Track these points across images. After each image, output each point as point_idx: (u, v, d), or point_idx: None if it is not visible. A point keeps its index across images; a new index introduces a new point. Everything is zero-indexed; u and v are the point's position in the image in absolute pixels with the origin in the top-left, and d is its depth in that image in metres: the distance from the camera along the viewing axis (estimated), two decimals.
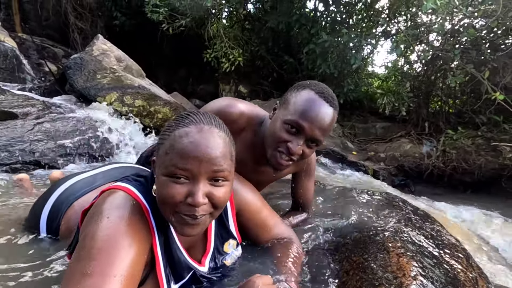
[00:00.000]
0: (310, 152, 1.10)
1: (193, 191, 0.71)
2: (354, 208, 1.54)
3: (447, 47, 3.60)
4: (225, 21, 7.45)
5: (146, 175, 0.90)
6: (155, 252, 0.79)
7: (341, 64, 5.49)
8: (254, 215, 1.07)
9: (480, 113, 4.02)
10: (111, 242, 0.67)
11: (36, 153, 2.26)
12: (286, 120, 1.04)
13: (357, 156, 4.44)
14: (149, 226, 0.78)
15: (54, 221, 1.14)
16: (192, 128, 0.73)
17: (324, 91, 1.06)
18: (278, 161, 1.09)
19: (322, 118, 1.02)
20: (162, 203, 0.74)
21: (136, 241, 0.71)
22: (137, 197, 0.79)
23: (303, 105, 1.03)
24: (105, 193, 0.81)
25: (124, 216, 0.73)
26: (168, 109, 3.95)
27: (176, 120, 0.77)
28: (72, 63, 3.36)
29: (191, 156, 0.69)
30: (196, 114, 0.77)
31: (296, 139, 1.04)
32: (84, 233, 0.71)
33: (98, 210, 0.74)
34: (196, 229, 0.76)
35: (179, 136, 0.71)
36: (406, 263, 0.96)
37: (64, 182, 1.22)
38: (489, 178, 3.56)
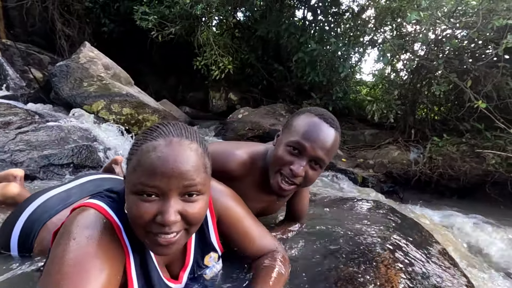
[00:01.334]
0: (314, 174, 1.08)
1: (163, 209, 0.66)
2: (344, 218, 1.54)
3: (431, 56, 3.71)
4: (215, 29, 7.50)
5: (119, 190, 0.85)
6: (128, 273, 0.75)
7: (329, 72, 5.58)
8: (236, 223, 0.99)
9: (464, 120, 4.13)
10: (79, 266, 0.63)
11: (18, 164, 2.18)
12: (288, 142, 1.05)
13: (347, 163, 4.48)
14: (122, 246, 0.74)
15: (26, 242, 1.07)
16: (160, 141, 0.68)
17: (324, 113, 1.08)
18: (281, 186, 1.07)
19: (324, 138, 1.03)
20: (133, 222, 0.70)
21: (107, 263, 0.66)
22: (109, 214, 0.75)
23: (304, 126, 1.05)
24: (74, 212, 0.76)
25: (93, 236, 0.68)
26: (157, 117, 3.91)
27: (144, 133, 0.72)
28: (58, 70, 3.30)
29: (158, 172, 0.65)
30: (165, 126, 0.72)
31: (299, 160, 1.04)
32: (51, 257, 0.66)
33: (66, 231, 0.70)
34: (171, 248, 0.71)
35: (146, 151, 0.67)
36: (394, 275, 0.96)
37: (36, 198, 1.15)
38: (474, 184, 3.64)
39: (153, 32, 5.67)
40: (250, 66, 6.85)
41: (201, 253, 0.96)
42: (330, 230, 1.41)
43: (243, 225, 1.01)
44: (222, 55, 5.71)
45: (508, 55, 3.27)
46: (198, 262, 0.96)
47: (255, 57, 6.66)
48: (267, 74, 6.71)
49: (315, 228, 1.44)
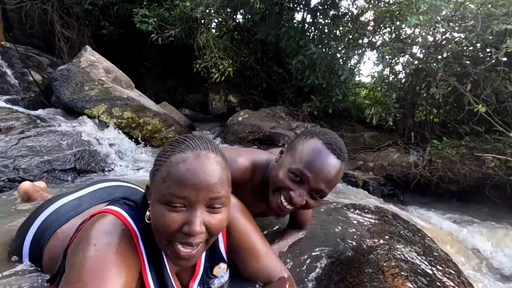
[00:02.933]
0: (314, 203, 1.06)
1: (191, 220, 0.69)
2: (347, 226, 1.55)
3: (431, 60, 3.73)
4: (214, 31, 7.51)
5: (136, 199, 0.87)
6: (145, 280, 0.77)
7: (329, 75, 5.60)
8: (244, 237, 0.99)
9: (463, 123, 4.16)
10: (98, 272, 0.64)
11: (21, 170, 2.18)
12: (291, 168, 1.02)
13: (347, 166, 4.49)
14: (138, 253, 0.75)
15: (36, 250, 1.08)
16: (189, 153, 0.71)
17: (332, 142, 1.02)
18: (280, 207, 1.06)
19: (328, 170, 0.99)
20: (157, 231, 0.72)
21: (124, 271, 0.68)
22: (127, 222, 0.77)
23: (309, 154, 1.00)
24: (94, 218, 0.78)
25: (112, 243, 0.70)
26: (158, 120, 3.92)
27: (171, 145, 0.75)
28: (59, 74, 3.30)
29: (188, 184, 0.67)
30: (192, 139, 0.75)
31: (300, 188, 1.01)
32: (70, 263, 0.68)
33: (85, 237, 0.72)
34: (190, 261, 0.74)
35: (176, 163, 0.69)
36: (401, 284, 0.97)
37: (49, 205, 1.16)
38: (473, 186, 3.66)
39: (153, 35, 5.67)
40: (249, 69, 6.87)
41: (210, 263, 0.97)
42: (335, 238, 1.42)
43: (251, 240, 1.00)
44: (222, 57, 5.72)
45: (507, 58, 3.29)
46: (207, 272, 0.97)
47: (255, 60, 6.68)
48: (266, 76, 6.73)
49: (319, 236, 1.45)
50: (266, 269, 1.00)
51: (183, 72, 8.05)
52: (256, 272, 1.00)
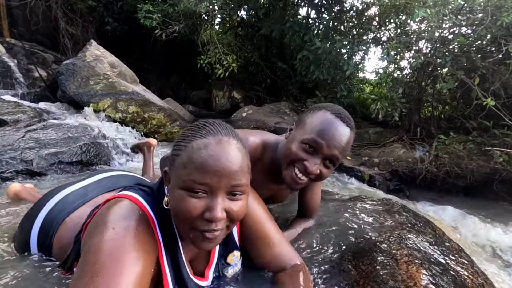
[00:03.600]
0: (328, 172, 1.08)
1: (212, 206, 0.68)
2: (357, 217, 1.53)
3: (438, 54, 3.68)
4: (218, 27, 7.49)
5: (150, 185, 0.86)
6: (162, 266, 0.76)
7: (334, 70, 5.56)
8: (257, 225, 0.99)
9: (471, 118, 4.11)
10: (116, 256, 0.64)
11: (28, 162, 2.18)
12: (304, 139, 1.04)
13: (352, 162, 4.47)
14: (155, 239, 0.75)
15: (45, 240, 1.07)
16: (211, 139, 0.69)
17: (340, 111, 1.07)
18: (295, 180, 1.07)
19: (340, 137, 1.02)
20: (178, 217, 0.71)
21: (143, 255, 0.67)
22: (144, 207, 0.76)
23: (320, 124, 1.03)
24: (110, 202, 0.77)
25: (129, 227, 0.69)
26: (163, 115, 3.91)
27: (191, 130, 0.73)
28: (64, 69, 3.30)
29: (211, 170, 0.66)
30: (212, 124, 0.74)
31: (313, 158, 1.03)
32: (87, 247, 0.67)
33: (102, 221, 0.71)
34: (213, 243, 0.73)
35: (197, 148, 0.68)
36: (415, 271, 0.95)
37: (54, 195, 1.15)
38: (481, 182, 3.62)
39: (157, 31, 5.66)
40: (253, 65, 6.84)
41: (224, 251, 0.97)
42: (344, 229, 1.40)
43: (264, 228, 1.00)
44: (226, 53, 5.70)
45: None
46: (221, 259, 0.96)
47: (259, 56, 6.64)
48: (270, 72, 6.70)
49: (329, 227, 1.43)
50: (280, 257, 0.99)
51: (186, 68, 8.04)
52: (270, 260, 0.99)
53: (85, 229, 0.83)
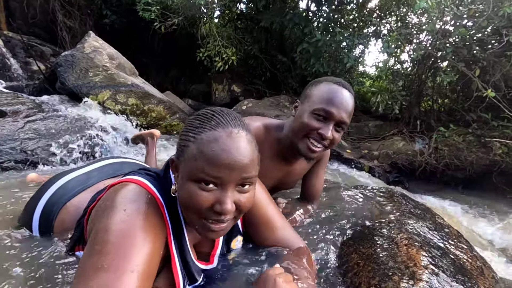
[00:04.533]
0: (339, 136, 1.16)
1: (222, 199, 0.68)
2: (358, 204, 1.54)
3: (439, 45, 3.67)
4: (217, 20, 7.42)
5: (155, 170, 0.87)
6: (170, 248, 0.77)
7: (334, 63, 5.53)
8: (260, 210, 0.99)
9: (470, 111, 4.11)
10: (127, 235, 0.64)
11: (28, 152, 2.18)
12: (314, 109, 1.11)
13: (352, 154, 4.48)
14: (164, 222, 0.75)
15: (46, 223, 1.08)
16: (221, 132, 0.68)
17: (340, 81, 1.16)
18: (312, 148, 1.14)
19: (346, 102, 1.11)
20: (187, 208, 0.71)
21: (152, 236, 0.68)
22: (152, 191, 0.76)
23: (327, 93, 1.12)
24: (116, 186, 0.77)
25: (140, 209, 0.70)
26: (162, 107, 3.90)
27: (200, 120, 0.72)
28: (63, 60, 3.28)
29: (223, 164, 0.66)
30: (221, 115, 0.72)
31: (326, 125, 1.11)
32: (96, 228, 0.67)
33: (111, 204, 0.71)
34: (220, 234, 0.75)
35: (208, 141, 0.67)
36: (416, 253, 0.96)
37: (57, 180, 1.16)
38: (480, 174, 3.63)
39: (155, 23, 5.61)
40: (253, 58, 6.79)
41: (228, 236, 0.98)
42: (345, 214, 1.41)
43: (267, 213, 1.00)
44: (226, 46, 5.66)
45: None
46: (225, 246, 0.97)
47: (259, 49, 6.59)
48: (270, 65, 6.66)
49: (330, 212, 1.44)
50: (283, 241, 1.00)
51: (186, 62, 7.99)
52: (273, 245, 1.00)
53: (89, 214, 0.83)
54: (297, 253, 0.96)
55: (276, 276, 0.73)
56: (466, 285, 0.86)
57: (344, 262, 1.01)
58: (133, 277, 0.60)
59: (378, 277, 0.85)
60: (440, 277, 0.85)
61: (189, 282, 0.82)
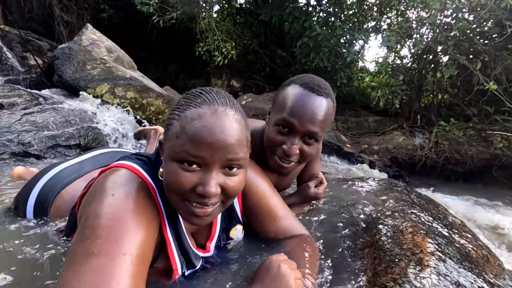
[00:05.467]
0: (311, 149, 1.02)
1: (205, 181, 0.64)
2: (360, 194, 1.52)
3: (440, 39, 3.64)
4: (216, 15, 7.36)
5: (147, 155, 0.83)
6: (165, 234, 0.74)
7: (334, 58, 5.50)
8: (261, 200, 0.96)
9: (471, 105, 4.10)
10: (118, 220, 0.60)
11: (25, 144, 2.15)
12: (276, 121, 0.99)
13: (351, 149, 4.46)
14: (157, 206, 0.72)
15: (41, 211, 1.07)
16: (205, 109, 0.64)
17: (309, 81, 0.98)
18: (280, 164, 1.03)
19: (312, 110, 0.95)
20: (170, 189, 0.67)
21: (145, 220, 0.64)
22: (143, 175, 0.73)
23: (289, 101, 0.97)
24: (106, 172, 0.74)
25: (130, 193, 0.66)
26: (161, 101, 3.86)
27: (186, 98, 0.68)
28: (60, 53, 3.23)
29: (204, 142, 0.62)
30: (209, 92, 0.68)
31: (290, 138, 0.98)
32: (86, 213, 0.64)
33: (100, 189, 0.68)
34: (205, 219, 0.70)
35: (191, 118, 0.63)
36: (422, 241, 0.94)
37: (50, 169, 1.15)
38: (480, 167, 3.63)
39: (154, 17, 5.55)
40: (252, 53, 6.75)
41: (227, 225, 0.95)
42: (347, 205, 1.39)
43: (268, 203, 0.97)
44: (225, 40, 5.61)
45: None
46: (224, 234, 0.95)
47: (258, 43, 6.55)
48: (270, 60, 6.62)
49: (331, 203, 1.42)
50: (285, 230, 0.98)
51: (184, 57, 7.93)
52: (275, 235, 0.98)
53: (80, 201, 0.80)
54: (300, 241, 0.95)
55: (280, 262, 0.71)
56: (473, 272, 0.84)
57: (348, 250, 1.00)
58: (126, 261, 0.56)
59: (384, 264, 0.83)
60: (448, 263, 0.83)
61: (187, 267, 0.80)
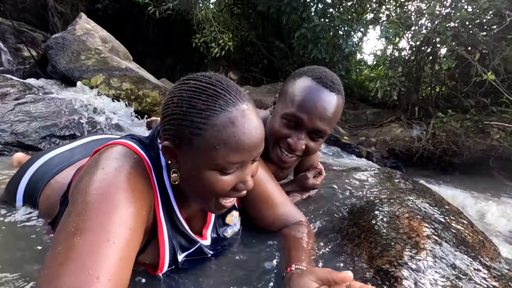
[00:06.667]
0: (316, 145, 1.00)
1: (244, 178, 0.68)
2: (357, 183, 1.52)
3: (439, 29, 3.61)
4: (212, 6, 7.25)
5: (140, 137, 0.80)
6: (157, 213, 0.71)
7: (332, 49, 5.46)
8: (258, 186, 0.94)
9: (469, 96, 4.09)
10: (107, 194, 0.58)
11: (18, 134, 2.12)
12: (284, 114, 0.95)
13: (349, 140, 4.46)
14: (151, 184, 0.69)
15: (30, 200, 1.05)
16: (233, 111, 0.62)
17: (322, 75, 0.94)
18: (282, 159, 1.01)
19: (323, 107, 0.91)
20: (204, 194, 0.69)
21: (136, 197, 0.61)
22: (139, 152, 0.70)
23: (300, 94, 0.93)
24: (101, 149, 0.71)
25: (123, 167, 0.63)
26: (157, 93, 3.82)
27: (203, 100, 0.61)
28: (54, 42, 3.17)
29: (246, 148, 0.63)
30: (225, 90, 0.63)
31: (297, 133, 0.95)
32: (76, 190, 0.61)
33: (92, 164, 0.65)
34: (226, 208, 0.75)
35: (224, 126, 0.60)
36: (418, 225, 0.93)
37: (41, 156, 1.11)
38: (477, 159, 3.64)
39: (150, 7, 5.46)
40: (250, 45, 6.68)
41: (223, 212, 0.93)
42: (345, 192, 1.39)
43: (265, 188, 0.96)
44: (222, 31, 5.54)
45: None
46: (220, 219, 0.93)
47: (256, 35, 6.48)
48: (267, 52, 6.56)
49: (328, 191, 1.41)
50: (282, 216, 0.98)
51: (181, 49, 7.84)
52: (272, 222, 0.97)
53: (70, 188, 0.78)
54: (297, 227, 0.94)
55: None
56: (469, 255, 0.84)
57: (344, 235, 0.99)
58: (111, 241, 0.54)
59: (380, 247, 0.83)
60: (444, 246, 0.83)
61: (181, 250, 0.78)
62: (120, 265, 0.53)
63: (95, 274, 0.50)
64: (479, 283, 0.72)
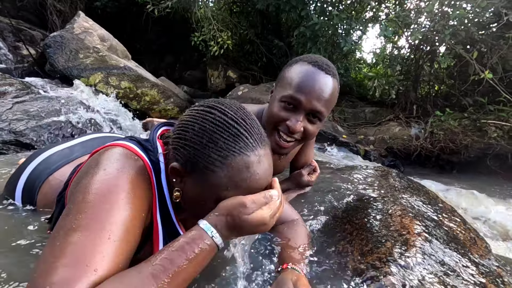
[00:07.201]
0: (314, 128, 1.01)
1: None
2: (352, 181, 1.53)
3: (438, 27, 3.61)
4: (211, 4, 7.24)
5: (139, 139, 0.80)
6: (154, 215, 0.72)
7: (331, 48, 5.45)
8: None
9: (467, 95, 4.10)
10: (107, 195, 0.59)
11: (17, 133, 2.13)
12: (282, 97, 0.96)
13: (347, 139, 4.47)
14: (151, 187, 0.70)
15: (29, 197, 1.05)
16: (251, 156, 0.64)
17: (317, 60, 0.98)
18: (279, 144, 1.01)
19: (320, 88, 0.94)
20: (204, 215, 0.71)
21: (135, 198, 0.62)
22: (140, 154, 0.71)
23: (297, 77, 0.95)
24: (100, 150, 0.72)
25: (125, 169, 0.64)
26: (156, 91, 3.83)
27: (224, 138, 0.63)
28: (52, 41, 3.18)
29: (254, 191, 0.66)
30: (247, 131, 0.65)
31: (295, 115, 0.96)
32: (76, 189, 0.62)
33: (92, 165, 0.66)
34: None
35: (239, 170, 0.63)
36: (409, 223, 0.95)
37: (39, 154, 1.12)
38: (475, 157, 3.65)
39: (148, 6, 5.45)
40: (249, 43, 6.67)
41: None
42: (339, 191, 1.40)
43: None
44: (221, 29, 5.54)
45: None
46: None
47: (255, 33, 6.47)
48: (266, 50, 6.56)
49: (324, 190, 1.42)
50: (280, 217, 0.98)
51: (180, 48, 7.84)
52: None
53: (70, 186, 0.79)
54: (292, 226, 0.96)
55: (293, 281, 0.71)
56: (459, 252, 0.85)
57: (337, 233, 1.00)
58: (106, 238, 0.54)
59: (371, 244, 0.84)
60: (433, 243, 0.84)
61: None
62: (118, 262, 0.54)
63: (93, 267, 0.50)
64: (467, 279, 0.73)
